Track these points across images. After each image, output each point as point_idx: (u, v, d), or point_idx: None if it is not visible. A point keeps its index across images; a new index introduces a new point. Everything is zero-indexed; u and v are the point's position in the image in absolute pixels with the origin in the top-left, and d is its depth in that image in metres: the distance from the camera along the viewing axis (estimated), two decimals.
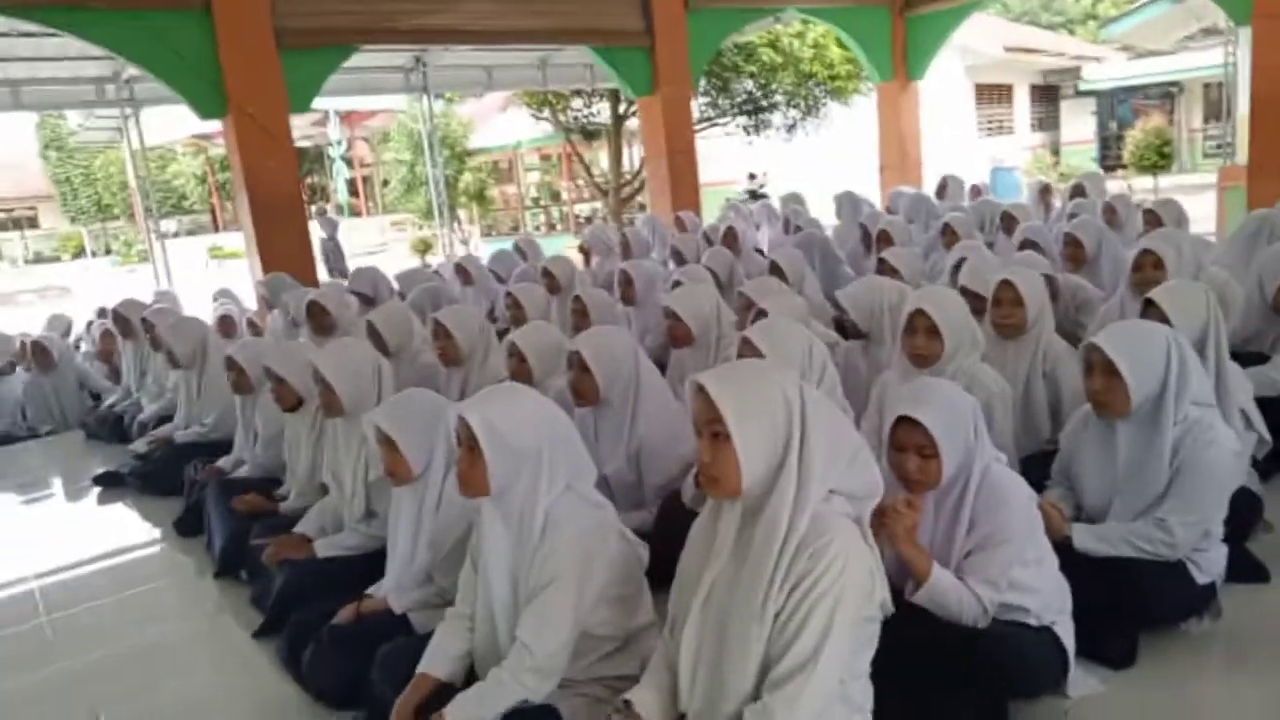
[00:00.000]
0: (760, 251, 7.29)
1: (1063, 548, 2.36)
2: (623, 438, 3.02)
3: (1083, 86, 22.21)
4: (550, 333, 3.52)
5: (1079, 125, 23.26)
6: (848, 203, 7.92)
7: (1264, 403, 3.06)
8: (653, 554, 2.25)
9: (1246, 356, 3.37)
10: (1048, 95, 23.34)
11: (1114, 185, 10.92)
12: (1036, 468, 2.97)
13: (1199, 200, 13.42)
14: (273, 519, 3.44)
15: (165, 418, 5.25)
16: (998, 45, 19.99)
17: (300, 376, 3.30)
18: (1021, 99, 22.22)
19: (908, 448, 2.13)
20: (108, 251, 29.86)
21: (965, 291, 4.00)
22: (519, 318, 4.72)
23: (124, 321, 5.92)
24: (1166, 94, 21.85)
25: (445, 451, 2.49)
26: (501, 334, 4.53)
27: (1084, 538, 2.45)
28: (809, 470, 1.63)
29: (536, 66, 11.88)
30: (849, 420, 1.78)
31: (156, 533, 4.26)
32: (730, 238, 6.72)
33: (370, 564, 2.79)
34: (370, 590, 2.70)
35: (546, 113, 17.53)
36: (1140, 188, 17.50)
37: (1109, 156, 21.61)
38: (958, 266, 4.76)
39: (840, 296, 3.72)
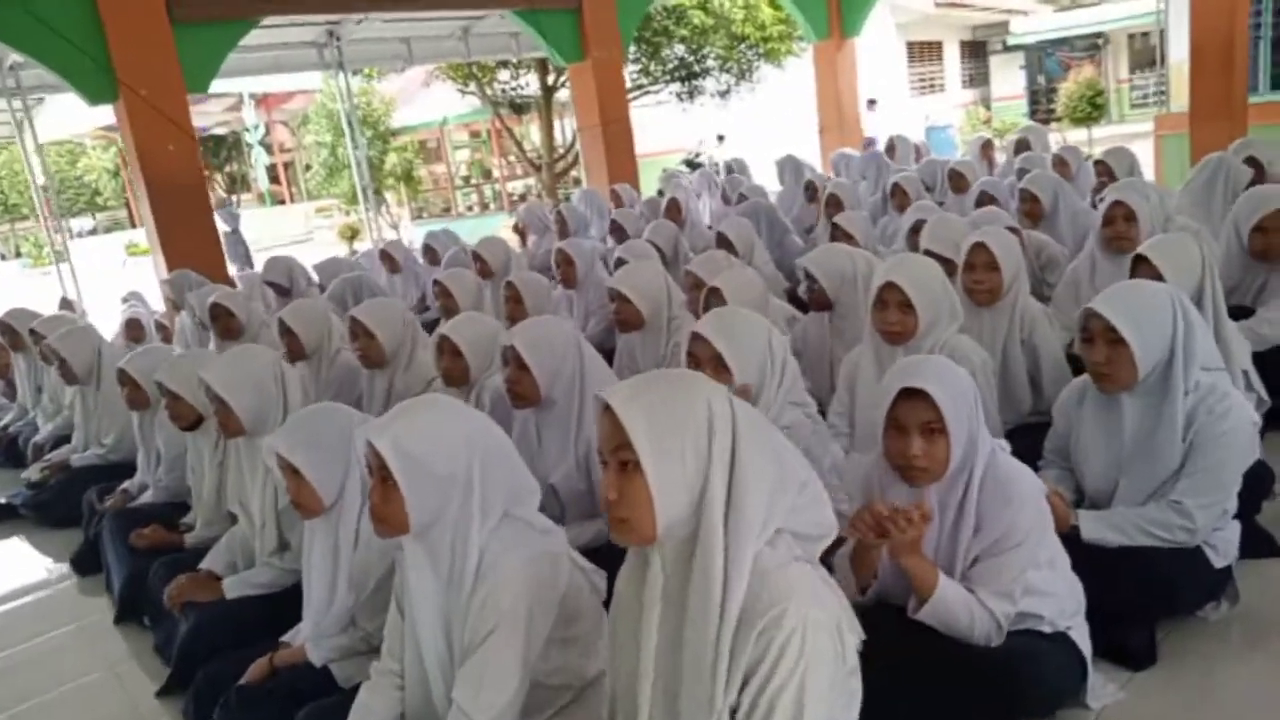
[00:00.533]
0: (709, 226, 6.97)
1: (1069, 539, 2.11)
2: (570, 440, 2.68)
3: (1011, 41, 22.24)
4: (485, 323, 3.15)
5: (1008, 81, 23.34)
6: (790, 167, 7.63)
7: (1260, 359, 2.85)
8: (611, 574, 1.92)
9: (1231, 311, 3.15)
10: (977, 51, 23.35)
11: (1051, 139, 10.87)
12: (1020, 444, 2.73)
13: (1135, 150, 13.51)
14: (177, 554, 3.02)
15: (64, 438, 4.74)
16: (928, 1, 19.86)
17: (196, 391, 2.87)
18: (952, 56, 22.19)
19: (909, 427, 1.84)
20: (18, 254, 28.31)
21: (929, 255, 3.75)
22: (449, 307, 4.32)
23: (12, 333, 5.35)
24: (1093, 46, 22.01)
25: (361, 476, 2.12)
26: (432, 325, 4.15)
27: (1094, 527, 2.20)
28: (742, 509, 1.29)
29: (458, 37, 11.29)
30: (792, 448, 1.42)
31: (53, 571, 3.81)
32: (673, 209, 6.38)
33: (288, 604, 2.41)
34: (286, 637, 2.33)
35: (473, 87, 16.91)
36: (1074, 140, 17.61)
37: (1039, 111, 21.70)
38: (915, 229, 4.51)
39: (809, 265, 3.41)
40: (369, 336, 3.47)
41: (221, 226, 10.07)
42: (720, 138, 17.21)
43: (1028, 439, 2.76)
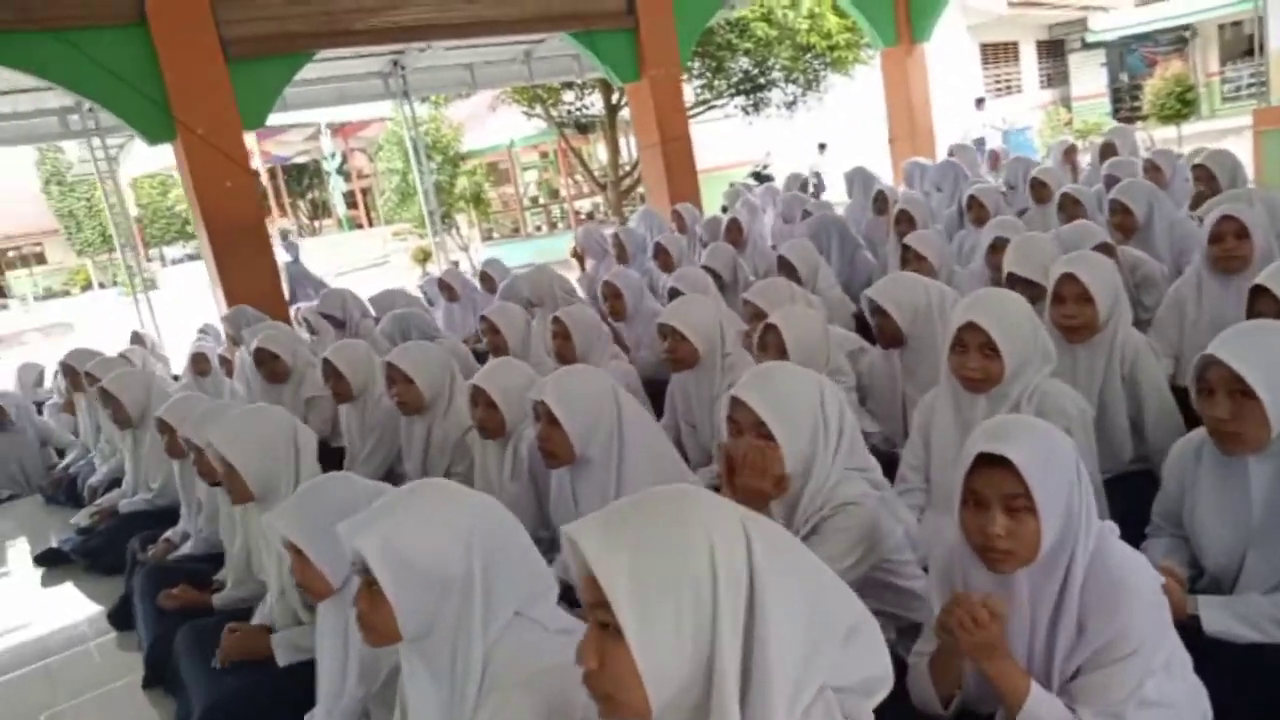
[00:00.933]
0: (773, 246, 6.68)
1: (1187, 630, 1.77)
2: (609, 500, 2.43)
3: (1090, 39, 21.31)
4: (519, 372, 2.92)
5: (1088, 79, 22.35)
6: (860, 179, 7.28)
7: None
8: None
9: None
10: (1054, 50, 22.46)
11: (1138, 138, 10.24)
12: (1120, 500, 2.39)
13: (1230, 146, 12.69)
14: (205, 617, 2.87)
15: (117, 480, 4.72)
16: (1001, 2, 19.17)
17: None
18: (1028, 56, 21.38)
19: (990, 501, 1.54)
20: (115, 283, 29.58)
21: (1014, 280, 3.41)
22: (497, 344, 4.14)
23: (73, 373, 5.39)
24: (1179, 39, 20.91)
25: None
26: (483, 357, 3.97)
27: (1218, 617, 1.84)
28: (766, 681, 0.99)
29: (520, 61, 11.30)
30: (834, 581, 1.11)
31: (94, 624, 3.72)
32: (734, 230, 6.10)
33: (307, 685, 2.22)
34: None
35: (538, 109, 16.94)
36: (1162, 138, 16.69)
37: (1122, 109, 20.71)
38: (995, 247, 4.15)
39: (876, 297, 3.10)
40: (407, 382, 3.30)
41: (282, 257, 10.17)
42: (822, 146, 16.66)
43: (1130, 494, 2.43)
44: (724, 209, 8.65)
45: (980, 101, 17.19)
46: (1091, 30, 20.90)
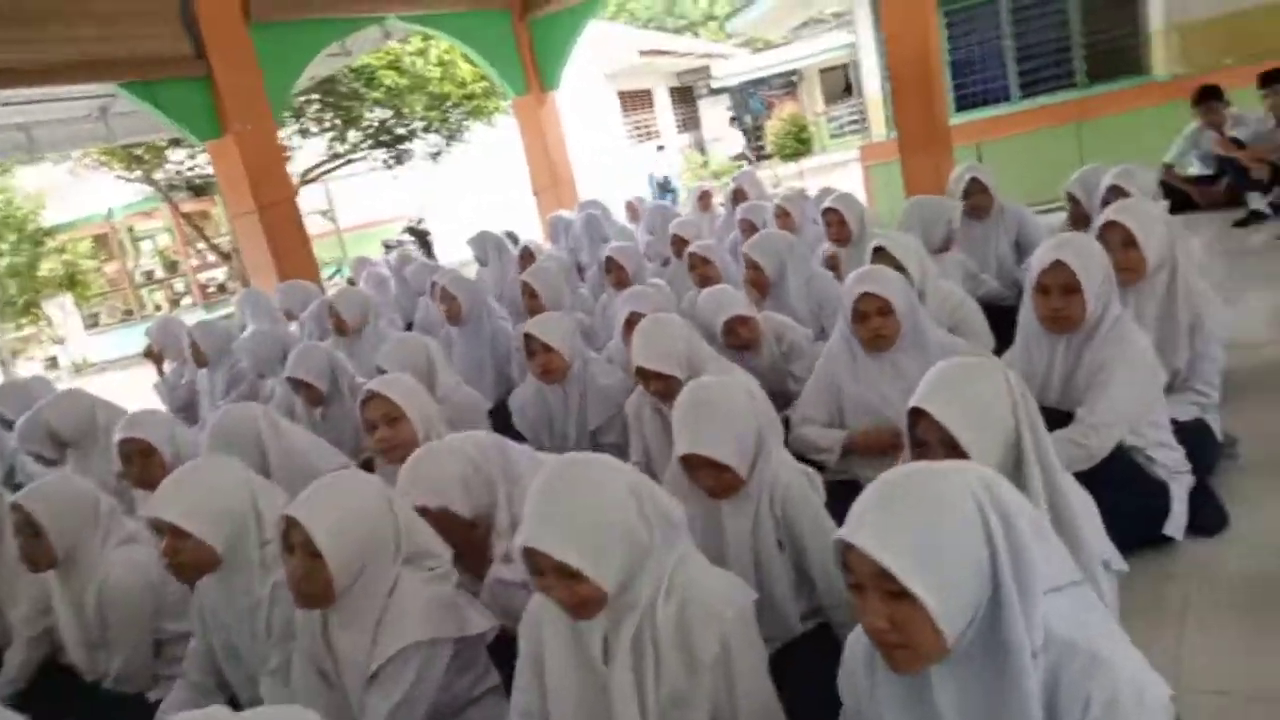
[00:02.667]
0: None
1: None
2: None
3: (715, 84, 22.85)
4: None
5: (718, 122, 23.97)
6: (492, 245, 6.45)
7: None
8: None
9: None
10: (685, 96, 23.80)
11: (762, 176, 10.65)
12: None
13: (843, 178, 13.83)
14: None
15: None
16: (633, 51, 19.83)
17: None
18: (663, 102, 22.39)
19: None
20: None
21: (643, 373, 2.74)
22: None
23: None
24: (789, 83, 23.09)
25: None
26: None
27: None
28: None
29: (96, 119, 9.37)
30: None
31: None
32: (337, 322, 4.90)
33: None
34: None
35: (137, 171, 14.55)
36: (785, 174, 18.08)
37: (751, 148, 22.41)
38: (629, 322, 3.51)
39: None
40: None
41: None
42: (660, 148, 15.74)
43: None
44: (351, 281, 7.47)
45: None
46: (714, 77, 22.39)
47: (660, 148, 19.96)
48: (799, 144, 18.45)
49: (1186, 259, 2.64)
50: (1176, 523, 2.37)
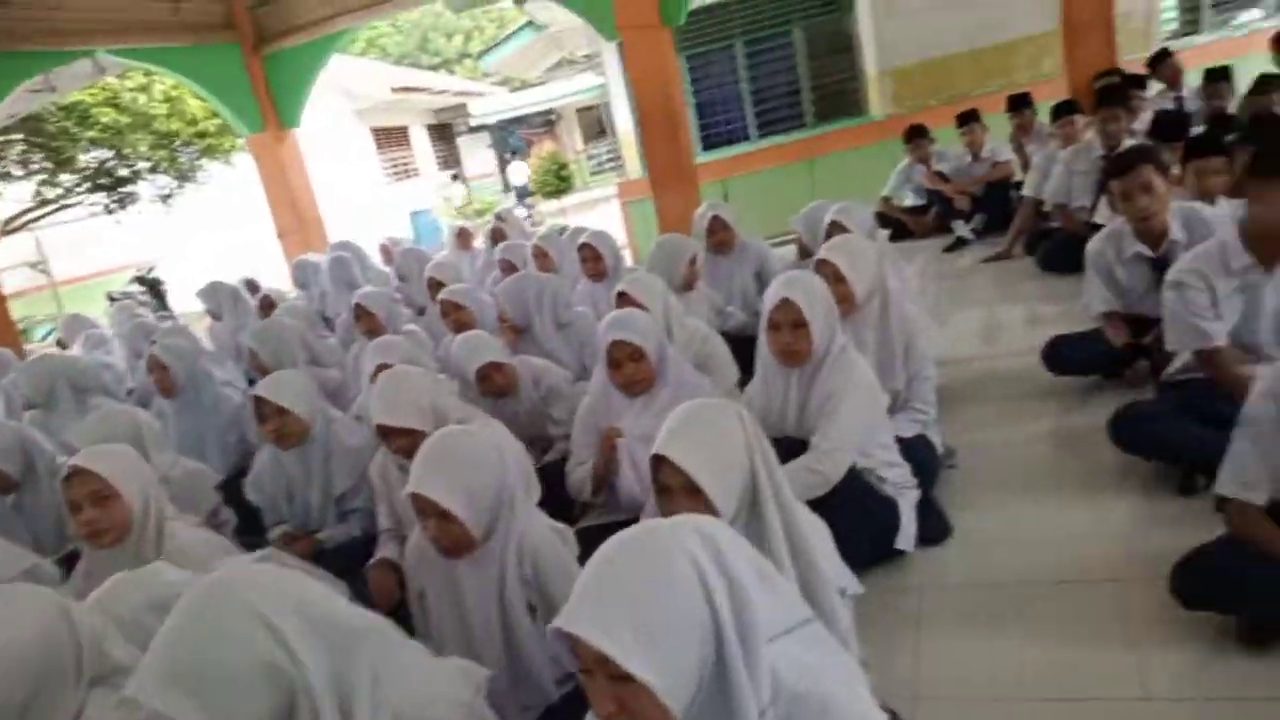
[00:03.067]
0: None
1: None
2: None
3: (474, 122, 22.71)
4: None
5: (479, 160, 23.85)
6: (226, 297, 5.92)
7: None
8: None
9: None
10: (444, 134, 23.50)
11: (519, 214, 10.65)
12: None
13: (604, 214, 14.16)
14: None
15: None
16: (384, 87, 19.29)
17: None
18: (420, 139, 21.95)
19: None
20: None
21: (384, 430, 2.57)
22: None
23: None
24: (548, 121, 23.40)
25: None
26: None
27: None
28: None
29: None
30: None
31: None
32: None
33: None
34: None
35: None
36: (547, 210, 18.25)
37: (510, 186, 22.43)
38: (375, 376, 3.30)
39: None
40: None
41: None
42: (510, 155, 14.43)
43: None
44: (60, 343, 6.59)
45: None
46: (472, 115, 22.25)
47: (457, 176, 19.51)
48: (560, 181, 18.71)
49: (899, 287, 2.86)
50: (906, 536, 2.52)
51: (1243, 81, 5.74)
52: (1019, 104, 6.72)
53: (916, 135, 6.93)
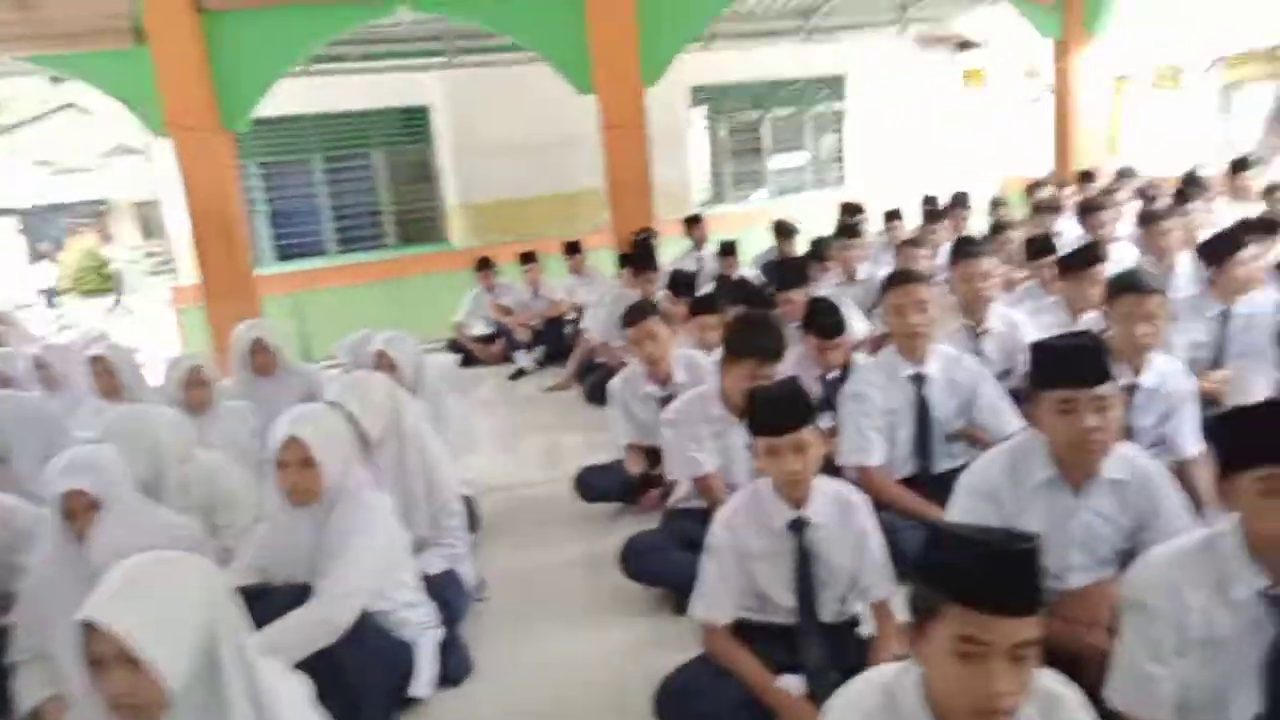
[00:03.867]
0: None
1: None
2: None
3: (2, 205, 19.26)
4: None
5: (7, 248, 20.17)
6: None
7: None
8: None
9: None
10: None
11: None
12: None
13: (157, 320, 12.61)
14: None
15: None
16: None
17: None
18: None
19: None
20: None
21: None
22: None
23: None
24: (98, 212, 20.68)
25: None
26: None
27: None
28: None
29: None
30: None
31: None
32: None
33: None
34: None
35: None
36: (87, 313, 15.88)
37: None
38: None
39: None
40: None
41: None
42: None
43: None
44: None
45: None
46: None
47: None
48: (102, 279, 16.44)
49: (415, 424, 2.83)
50: (423, 680, 2.43)
51: (751, 244, 6.99)
52: (571, 249, 7.36)
53: (484, 266, 7.25)
